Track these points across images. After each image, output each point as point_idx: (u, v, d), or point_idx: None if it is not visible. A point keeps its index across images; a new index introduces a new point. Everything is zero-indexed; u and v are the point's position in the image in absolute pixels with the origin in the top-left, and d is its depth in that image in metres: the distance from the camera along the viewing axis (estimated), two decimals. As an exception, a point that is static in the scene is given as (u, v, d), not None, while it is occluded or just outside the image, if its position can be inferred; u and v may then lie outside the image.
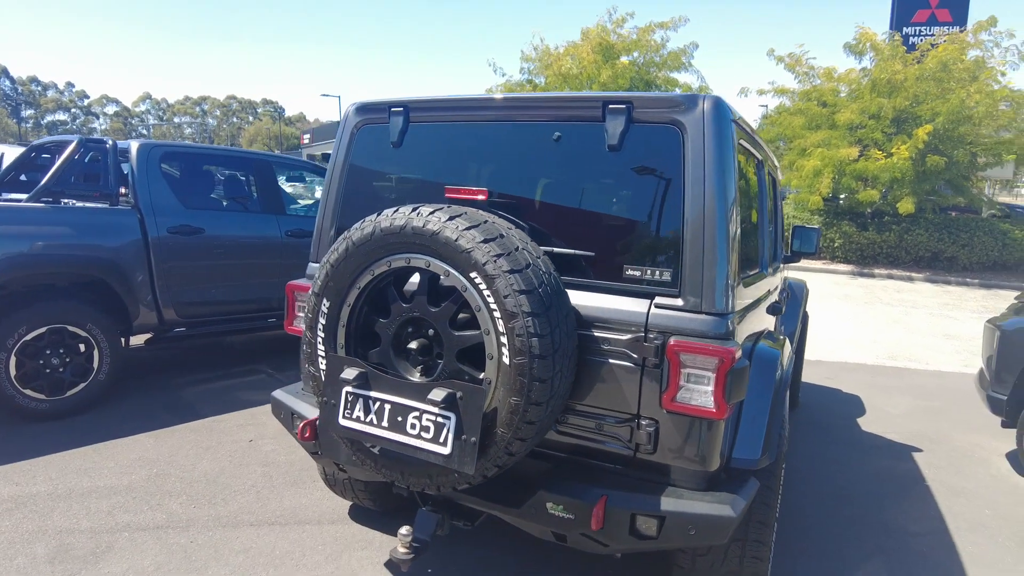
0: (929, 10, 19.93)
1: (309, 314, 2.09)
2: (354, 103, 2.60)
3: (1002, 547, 3.35)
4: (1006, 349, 4.13)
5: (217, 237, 4.94)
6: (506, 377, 1.79)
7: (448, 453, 1.82)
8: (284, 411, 2.61)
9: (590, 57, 17.51)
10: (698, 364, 1.89)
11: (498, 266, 1.76)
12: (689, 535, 1.91)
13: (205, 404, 4.69)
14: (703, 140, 1.97)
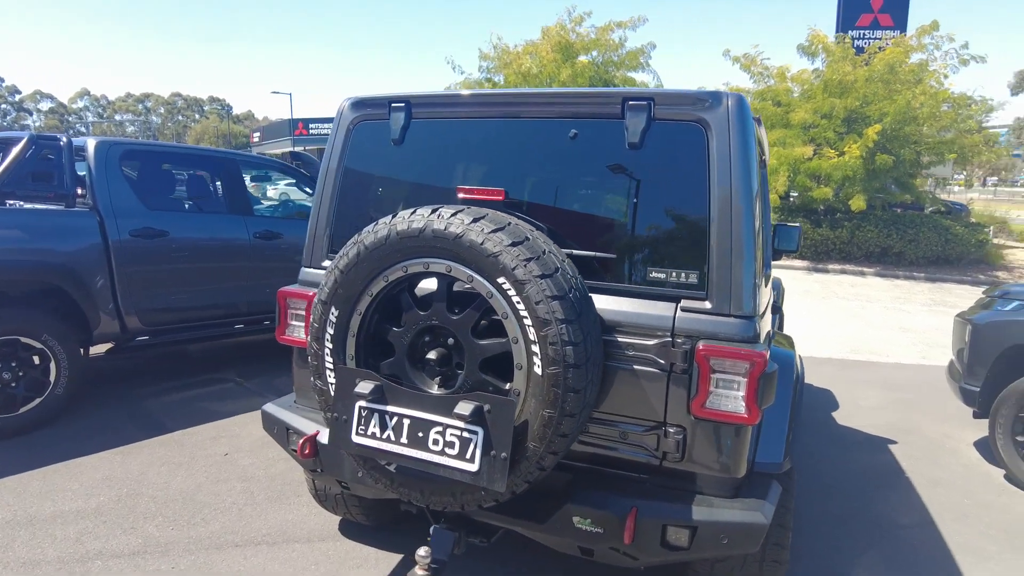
0: (872, 14, 20.71)
1: (315, 324, 1.95)
2: (349, 98, 2.46)
3: (986, 536, 3.43)
4: (978, 342, 4.25)
5: (182, 240, 4.68)
6: (538, 388, 1.70)
7: (476, 470, 1.71)
8: (278, 426, 2.46)
9: (550, 56, 17.51)
10: (728, 369, 1.84)
11: (528, 271, 1.67)
12: (722, 544, 1.86)
13: (173, 416, 4.45)
14: (728, 138, 1.92)
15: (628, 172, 2.08)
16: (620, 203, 2.12)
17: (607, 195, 2.15)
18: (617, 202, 2.13)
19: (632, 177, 2.07)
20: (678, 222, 2.03)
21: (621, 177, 2.10)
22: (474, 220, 1.74)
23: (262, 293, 5.24)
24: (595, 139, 2.10)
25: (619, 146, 2.03)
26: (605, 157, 2.10)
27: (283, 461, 3.85)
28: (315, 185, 5.70)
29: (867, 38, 19.18)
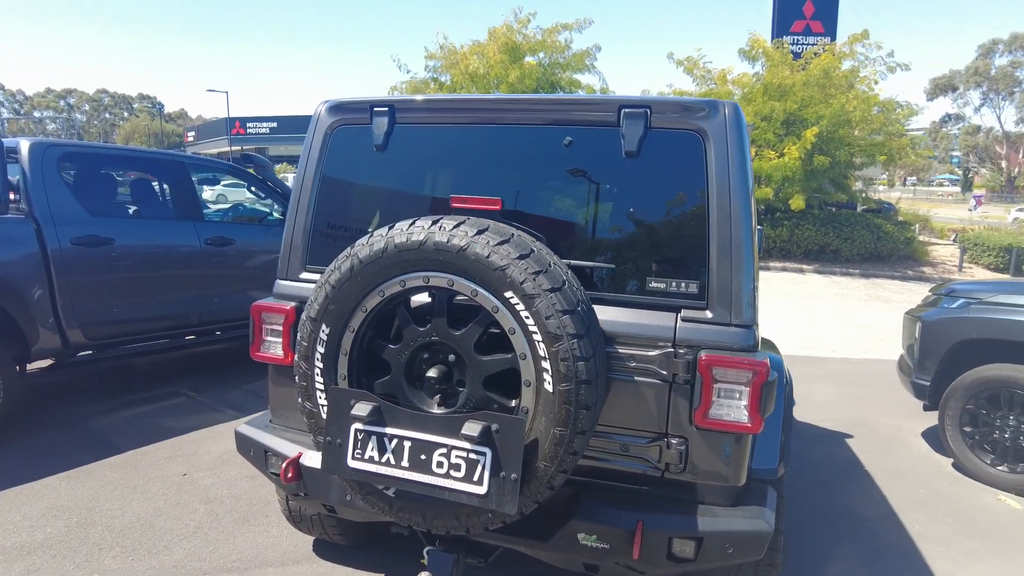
0: (804, 21, 21.61)
1: (304, 342, 1.84)
2: (326, 101, 2.34)
3: (942, 523, 3.59)
4: (928, 339, 4.45)
5: (129, 248, 4.41)
6: (548, 405, 1.65)
7: (484, 493, 1.65)
8: (254, 448, 2.32)
9: (497, 57, 17.48)
10: (731, 378, 1.84)
11: (537, 284, 1.62)
12: (727, 554, 1.86)
13: (122, 436, 4.18)
14: (727, 147, 1.91)
15: (624, 181, 2.05)
16: (617, 212, 2.09)
17: (603, 204, 2.12)
18: (614, 211, 2.10)
19: (629, 186, 2.05)
20: (677, 231, 2.01)
21: (618, 186, 2.08)
22: (478, 232, 1.67)
23: (214, 302, 5.01)
24: (590, 147, 2.06)
25: (615, 154, 2.00)
26: (601, 165, 2.07)
27: (247, 480, 3.67)
28: (266, 189, 5.49)
29: (801, 43, 19.96)
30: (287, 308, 2.26)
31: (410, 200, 2.30)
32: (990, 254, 16.41)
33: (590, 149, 2.06)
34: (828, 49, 16.40)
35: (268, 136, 41.76)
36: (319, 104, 2.36)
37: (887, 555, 3.23)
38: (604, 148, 2.03)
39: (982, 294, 4.32)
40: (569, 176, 2.12)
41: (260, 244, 5.34)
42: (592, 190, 2.12)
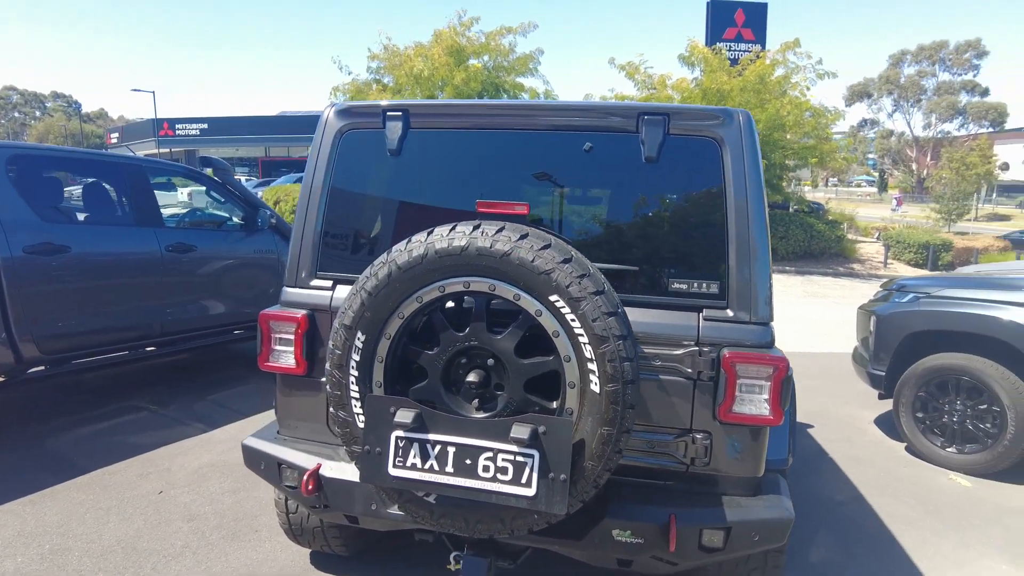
0: (736, 29, 22.54)
1: (337, 350, 1.80)
2: (334, 104, 2.30)
3: (906, 504, 3.83)
4: (882, 332, 4.73)
5: (86, 256, 4.17)
6: (594, 406, 1.68)
7: (533, 494, 1.66)
8: (266, 461, 2.25)
9: (442, 59, 17.41)
10: (753, 374, 1.92)
11: (583, 288, 1.65)
12: (753, 541, 1.94)
13: (84, 455, 3.95)
14: (742, 153, 2.00)
15: (644, 186, 2.11)
16: (637, 216, 2.15)
17: (624, 208, 2.17)
18: (634, 215, 2.16)
19: (649, 190, 2.11)
20: (696, 233, 2.09)
21: (637, 190, 2.13)
22: (521, 237, 1.69)
23: (178, 311, 4.80)
24: (610, 153, 2.11)
25: (635, 160, 2.06)
26: (621, 171, 2.12)
27: (229, 495, 3.54)
28: (226, 193, 5.31)
29: (733, 50, 20.81)
30: (299, 316, 2.21)
31: (426, 205, 2.29)
32: (910, 251, 17.54)
33: (610, 155, 2.11)
34: (762, 56, 17.14)
35: (199, 138, 40.08)
36: (326, 108, 2.31)
37: (862, 538, 3.42)
38: (624, 154, 2.09)
39: (930, 288, 4.64)
40: (589, 181, 2.17)
41: (222, 250, 5.16)
42: (613, 195, 2.17)
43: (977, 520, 3.67)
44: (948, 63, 55.21)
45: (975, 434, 4.27)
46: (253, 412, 4.81)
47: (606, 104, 2.22)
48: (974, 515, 3.73)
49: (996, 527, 3.59)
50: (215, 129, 40.27)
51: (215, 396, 5.16)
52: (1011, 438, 4.07)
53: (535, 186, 2.21)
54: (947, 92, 54.73)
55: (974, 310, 4.27)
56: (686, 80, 17.95)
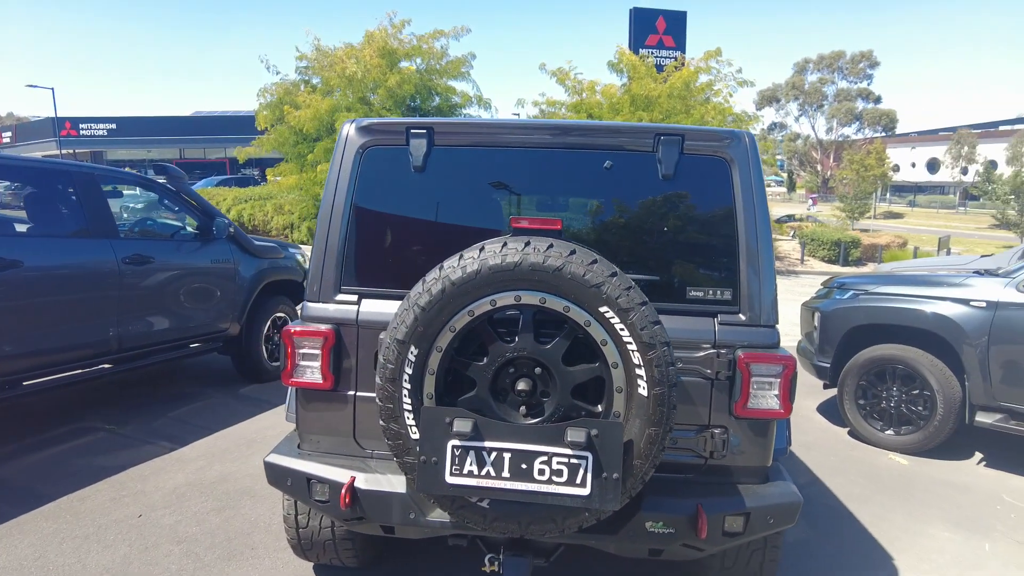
0: (658, 36, 23.45)
1: (390, 364, 1.85)
2: (354, 121, 2.32)
3: (857, 483, 4.19)
4: (826, 326, 5.13)
5: (40, 270, 3.95)
6: (642, 409, 1.80)
7: (588, 494, 1.77)
8: (293, 478, 2.25)
9: (375, 61, 17.21)
10: (765, 372, 2.11)
11: (631, 299, 1.77)
12: (768, 524, 2.13)
13: (46, 482, 3.74)
14: (749, 171, 2.19)
15: (662, 201, 2.26)
16: (656, 229, 2.30)
17: (643, 222, 2.31)
18: (653, 228, 2.30)
19: (666, 206, 2.26)
20: (710, 245, 2.26)
21: (655, 205, 2.28)
22: (571, 252, 1.79)
23: (137, 326, 4.60)
24: (629, 170, 2.25)
25: (652, 177, 2.21)
26: (639, 187, 2.26)
27: (215, 513, 3.45)
28: (181, 201, 5.13)
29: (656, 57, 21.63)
30: (325, 331, 2.23)
31: (453, 221, 2.35)
32: (824, 248, 18.78)
33: (629, 172, 2.25)
34: (686, 64, 17.91)
35: (106, 139, 37.70)
36: (345, 124, 2.34)
37: (825, 513, 3.74)
38: (641, 171, 2.23)
39: (867, 286, 5.07)
40: (609, 197, 2.30)
41: (180, 261, 4.98)
42: (632, 210, 2.31)
43: (917, 493, 4.07)
44: (845, 71, 59.32)
45: (909, 417, 4.72)
46: (220, 427, 4.68)
47: (626, 125, 2.37)
48: (914, 489, 4.13)
49: (934, 498, 4.00)
50: (124, 129, 37.99)
51: (175, 413, 4.97)
52: (940, 419, 4.53)
53: (559, 202, 2.33)
54: (845, 99, 58.79)
55: (906, 304, 4.72)
56: (614, 86, 18.50)
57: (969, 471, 4.47)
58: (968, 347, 4.37)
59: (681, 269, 2.26)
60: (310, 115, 16.57)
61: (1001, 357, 4.26)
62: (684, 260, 2.28)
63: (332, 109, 16.85)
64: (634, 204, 2.32)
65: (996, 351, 4.27)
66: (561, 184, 2.35)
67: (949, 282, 4.64)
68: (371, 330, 2.22)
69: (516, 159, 2.32)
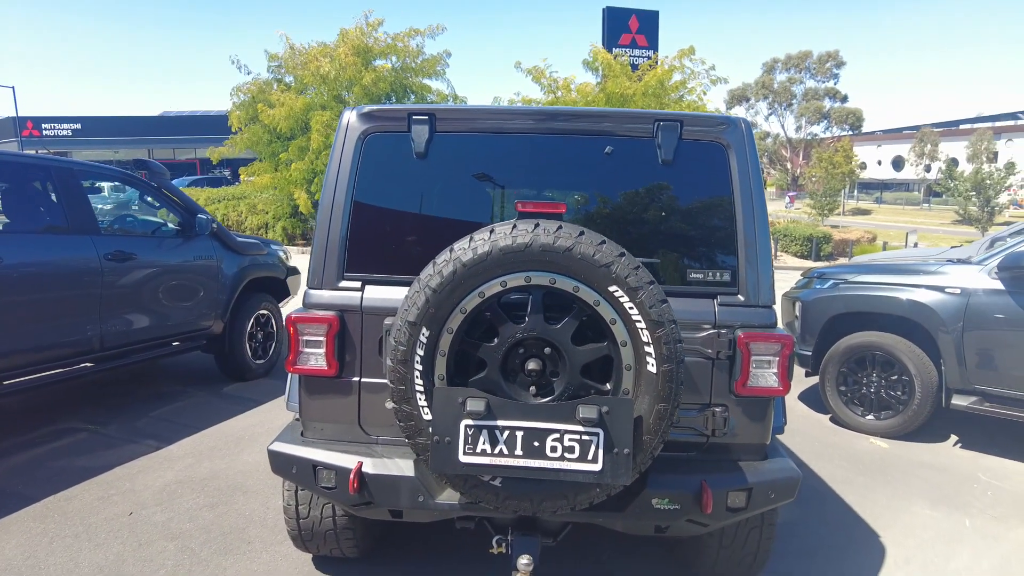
0: (631, 35, 23.65)
1: (401, 346, 1.85)
2: (354, 108, 2.32)
3: (839, 466, 4.30)
4: (807, 315, 5.25)
5: (20, 267, 3.86)
6: (651, 385, 1.84)
7: (599, 469, 1.80)
8: (298, 465, 2.24)
9: (349, 59, 17.08)
10: (764, 351, 2.16)
11: (639, 278, 1.81)
12: (770, 499, 2.18)
13: (28, 483, 3.66)
14: (746, 156, 2.24)
15: (661, 185, 2.30)
16: (656, 213, 2.34)
17: (643, 206, 2.35)
18: (653, 212, 2.34)
19: (665, 190, 2.30)
20: (709, 228, 2.31)
21: (655, 189, 2.32)
22: (580, 234, 1.82)
23: (119, 324, 4.52)
24: (628, 155, 2.28)
25: (652, 162, 2.25)
26: (639, 172, 2.30)
27: (207, 509, 3.41)
28: (162, 197, 5.05)
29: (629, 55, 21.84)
30: (329, 317, 2.22)
31: (456, 206, 2.36)
32: (796, 243, 19.15)
33: (629, 157, 2.29)
34: (661, 62, 18.12)
35: (70, 139, 36.72)
36: (346, 111, 2.34)
37: (812, 496, 3.83)
38: (640, 156, 2.27)
39: (846, 275, 5.20)
40: (610, 181, 2.33)
41: (162, 258, 4.90)
42: (633, 194, 2.34)
43: (898, 475, 4.19)
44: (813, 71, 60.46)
45: (889, 402, 4.85)
46: (205, 426, 4.62)
47: (625, 111, 2.41)
48: (895, 470, 4.26)
49: (914, 479, 4.12)
50: (90, 129, 37.04)
51: (159, 412, 4.89)
52: (918, 403, 4.67)
53: (560, 187, 2.36)
54: (813, 98, 59.92)
55: (884, 292, 4.86)
56: (590, 84, 18.64)
57: (946, 453, 4.62)
58: (944, 333, 4.51)
59: (681, 252, 2.30)
60: (284, 114, 16.41)
61: (975, 342, 4.41)
62: (684, 243, 2.32)
63: (307, 108, 16.71)
64: (634, 189, 2.36)
65: (970, 336, 4.42)
66: (563, 169, 2.38)
67: (925, 270, 4.79)
68: (376, 316, 2.22)
69: (518, 145, 2.35)
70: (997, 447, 4.67)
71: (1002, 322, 4.30)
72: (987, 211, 32.65)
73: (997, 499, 3.87)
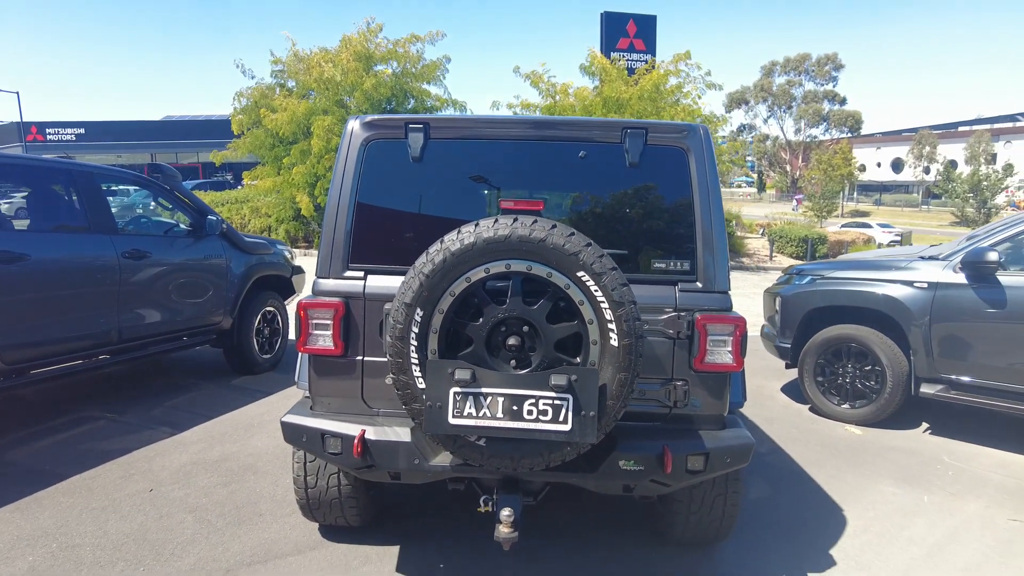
0: (629, 39, 23.92)
1: (399, 324, 2.14)
2: (357, 117, 2.61)
3: (814, 450, 4.57)
4: (787, 310, 5.53)
5: (45, 263, 4.15)
6: (613, 357, 2.12)
7: (569, 429, 2.08)
8: (308, 434, 2.52)
9: (352, 64, 17.42)
10: (719, 331, 2.44)
11: (603, 264, 2.09)
12: (726, 463, 2.46)
13: (56, 463, 3.94)
14: (704, 159, 2.53)
15: (629, 186, 2.59)
16: (625, 210, 2.62)
17: (613, 204, 2.63)
18: (621, 209, 2.63)
19: (632, 190, 2.59)
20: (671, 223, 2.59)
21: (624, 190, 2.61)
22: (552, 227, 2.11)
23: (134, 318, 4.81)
24: (599, 159, 2.57)
25: (620, 165, 2.54)
26: (609, 173, 2.58)
27: (221, 487, 3.70)
28: (174, 199, 5.35)
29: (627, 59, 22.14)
30: (336, 303, 2.51)
31: (447, 204, 2.65)
32: (792, 244, 19.43)
33: (601, 161, 2.58)
34: (657, 67, 18.41)
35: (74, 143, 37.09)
36: (350, 120, 2.63)
37: (784, 475, 4.11)
38: (610, 160, 2.56)
39: (823, 271, 5.48)
40: (581, 182, 2.63)
41: (174, 256, 5.19)
42: (604, 193, 2.63)
43: (868, 457, 4.46)
44: (812, 74, 60.83)
45: (863, 391, 5.12)
46: (216, 414, 4.90)
47: (596, 120, 2.69)
48: (866, 454, 4.53)
49: (883, 461, 4.39)
50: (94, 134, 37.47)
51: (171, 402, 5.18)
52: (890, 392, 4.94)
53: (539, 186, 2.64)
54: (812, 100, 60.28)
55: (858, 287, 5.13)
56: (587, 89, 18.94)
57: (916, 438, 4.89)
58: (913, 325, 4.78)
59: (646, 244, 2.59)
60: (287, 118, 16.72)
61: (941, 333, 4.68)
62: (648, 236, 2.61)
63: (308, 112, 17.02)
64: (605, 188, 2.64)
65: (937, 328, 4.69)
66: (542, 171, 2.66)
67: (896, 266, 5.07)
68: (376, 302, 2.50)
69: (502, 150, 2.64)
70: (965, 433, 4.94)
71: (965, 314, 4.58)
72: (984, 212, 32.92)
73: (957, 479, 4.14)
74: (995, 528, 3.50)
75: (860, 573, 3.03)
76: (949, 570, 3.08)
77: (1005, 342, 4.46)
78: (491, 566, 2.98)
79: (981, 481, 4.11)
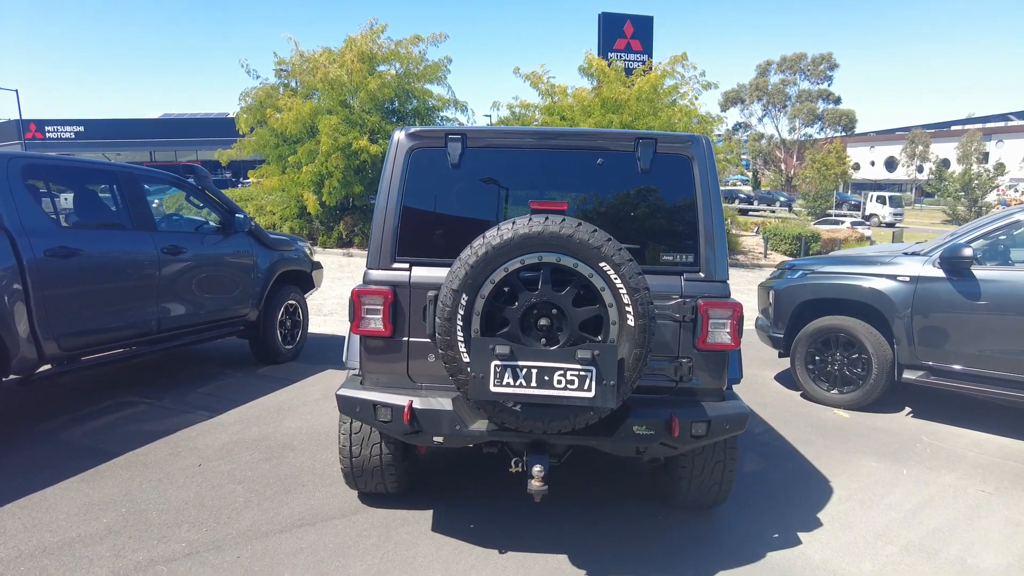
0: (626, 40, 24.30)
1: (447, 307, 2.50)
2: (403, 129, 2.97)
3: (804, 431, 4.96)
4: (779, 302, 5.91)
5: (96, 257, 4.49)
6: (630, 335, 2.48)
7: (593, 396, 2.44)
8: (361, 405, 2.88)
9: (356, 65, 17.74)
10: (719, 315, 2.81)
11: (623, 256, 2.45)
12: (725, 430, 2.83)
13: (108, 443, 4.28)
14: (706, 166, 2.90)
15: (641, 189, 2.96)
16: (637, 210, 2.99)
17: (627, 205, 3.00)
18: (635, 209, 3.00)
19: (643, 192, 2.96)
20: (677, 221, 2.96)
21: (636, 192, 2.98)
22: (578, 224, 2.47)
23: (171, 309, 5.15)
24: (615, 165, 2.94)
25: (633, 170, 2.91)
26: (624, 178, 2.96)
27: (264, 462, 4.05)
28: (205, 199, 5.70)
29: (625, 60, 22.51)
30: (385, 291, 2.87)
31: (481, 205, 3.01)
32: (786, 242, 19.84)
33: (616, 167, 2.95)
34: (654, 68, 18.78)
35: (74, 141, 37.30)
36: (396, 132, 2.99)
37: (776, 452, 4.49)
38: (625, 167, 2.93)
39: (814, 266, 5.87)
40: (597, 186, 3.00)
41: (207, 252, 5.54)
42: (619, 196, 3.00)
43: (854, 437, 4.85)
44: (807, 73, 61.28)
45: (850, 377, 5.51)
46: (248, 400, 5.25)
47: (612, 131, 3.05)
48: (851, 434, 4.91)
49: (867, 440, 4.78)
50: (93, 132, 37.66)
51: (204, 389, 5.52)
52: (875, 378, 5.32)
53: (563, 189, 3.01)
54: (807, 99, 60.72)
55: (846, 281, 5.52)
56: (585, 90, 19.30)
57: (898, 420, 5.28)
58: (896, 316, 5.17)
59: (655, 239, 2.96)
60: (292, 118, 17.02)
61: (922, 323, 5.07)
62: (658, 233, 2.98)
63: (313, 112, 17.33)
64: (620, 191, 3.01)
65: (918, 319, 5.07)
66: (565, 176, 3.04)
67: (881, 261, 5.45)
68: (420, 290, 2.87)
69: (531, 157, 3.00)
70: (944, 416, 5.33)
71: (943, 305, 4.96)
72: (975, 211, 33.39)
73: (934, 455, 4.53)
74: (966, 497, 3.88)
75: (844, 532, 3.40)
76: (923, 531, 3.46)
77: (979, 331, 4.85)
78: (516, 527, 3.35)
79: (956, 457, 4.49)
